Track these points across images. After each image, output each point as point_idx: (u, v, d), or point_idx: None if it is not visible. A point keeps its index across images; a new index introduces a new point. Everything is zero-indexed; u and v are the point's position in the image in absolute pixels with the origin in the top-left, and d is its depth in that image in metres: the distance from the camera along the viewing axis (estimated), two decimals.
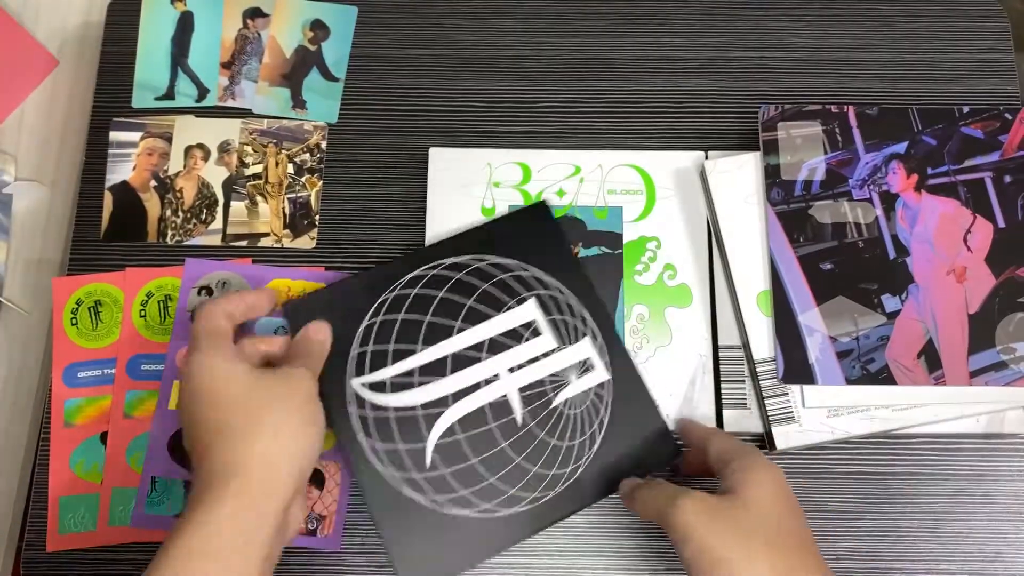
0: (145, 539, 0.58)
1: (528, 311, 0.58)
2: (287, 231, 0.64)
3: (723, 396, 0.59)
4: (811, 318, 0.59)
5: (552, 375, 0.58)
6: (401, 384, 0.56)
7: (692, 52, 0.68)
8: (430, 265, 0.59)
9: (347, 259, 0.63)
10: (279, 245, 0.64)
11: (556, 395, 0.57)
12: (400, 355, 0.57)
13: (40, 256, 0.67)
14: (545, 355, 0.58)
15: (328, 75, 0.68)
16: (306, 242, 0.64)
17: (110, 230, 0.64)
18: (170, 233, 0.64)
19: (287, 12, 0.69)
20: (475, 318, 0.58)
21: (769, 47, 0.68)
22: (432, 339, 0.57)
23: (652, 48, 0.68)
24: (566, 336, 0.58)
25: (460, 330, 0.58)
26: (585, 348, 0.58)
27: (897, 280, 0.59)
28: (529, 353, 0.58)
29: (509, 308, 0.58)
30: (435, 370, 0.57)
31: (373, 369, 0.57)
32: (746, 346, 0.59)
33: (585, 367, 0.58)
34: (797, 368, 0.58)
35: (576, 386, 0.57)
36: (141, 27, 0.69)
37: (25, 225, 0.68)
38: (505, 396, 0.57)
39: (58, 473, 0.59)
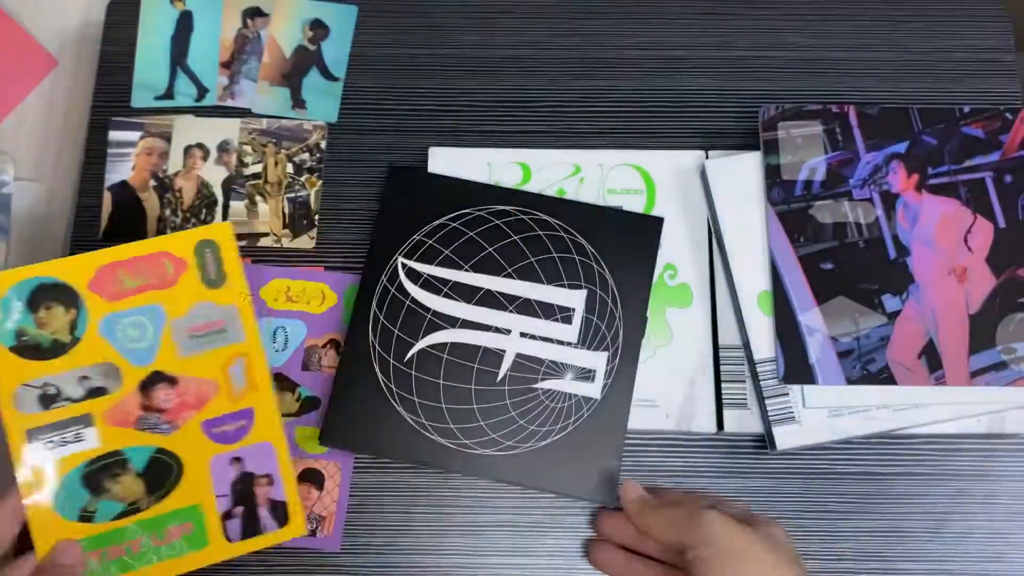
0: None
1: (575, 300, 0.59)
2: (287, 231, 0.64)
3: (723, 396, 0.59)
4: (811, 318, 0.59)
5: (552, 361, 0.58)
6: (432, 285, 0.59)
7: (692, 52, 0.68)
8: (525, 209, 0.61)
9: (347, 259, 0.63)
10: (278, 245, 0.64)
11: (543, 380, 0.58)
12: (448, 262, 0.60)
13: (40, 256, 0.67)
14: (559, 342, 0.58)
15: (328, 75, 0.68)
16: (306, 242, 0.64)
17: (109, 230, 0.64)
18: (169, 233, 0.64)
19: (287, 11, 0.69)
20: (527, 274, 0.59)
21: (769, 47, 0.68)
22: (480, 268, 0.60)
23: (652, 48, 0.68)
24: (590, 339, 0.58)
25: (508, 275, 0.59)
26: (598, 360, 0.58)
27: (897, 280, 0.59)
28: (547, 331, 0.58)
29: (560, 285, 0.59)
30: (464, 293, 0.59)
31: (421, 259, 0.60)
32: (746, 346, 0.59)
33: (584, 375, 0.58)
34: (798, 368, 0.58)
35: (565, 385, 0.58)
36: (140, 27, 0.69)
37: (25, 225, 0.68)
38: (503, 351, 0.58)
39: None
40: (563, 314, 0.59)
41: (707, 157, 0.64)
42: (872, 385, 0.58)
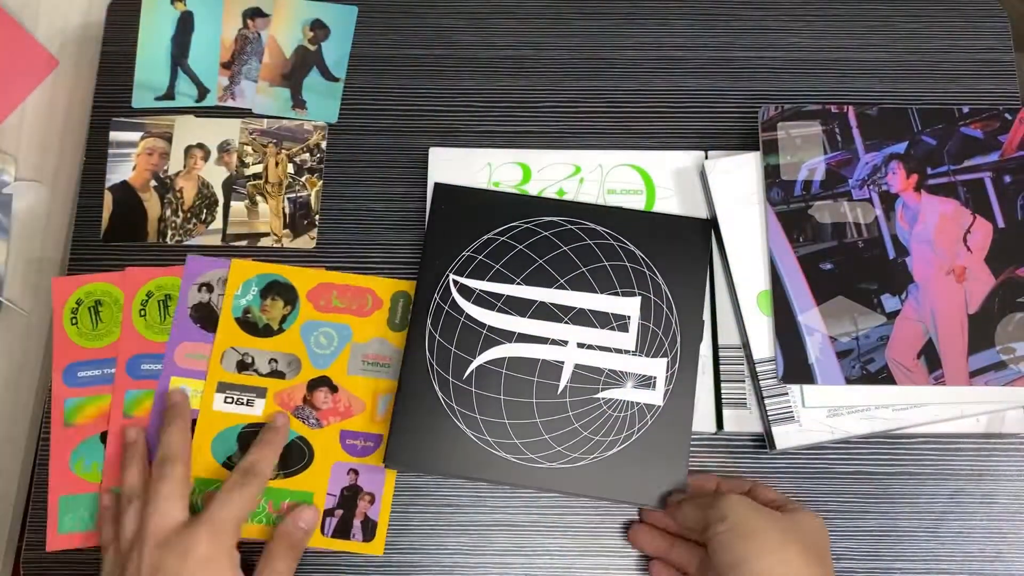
0: None
1: (629, 307, 0.59)
2: (287, 231, 0.64)
3: (723, 396, 0.59)
4: (811, 318, 0.59)
5: (612, 370, 0.58)
6: (485, 300, 0.59)
7: (692, 52, 0.68)
8: (572, 219, 0.61)
9: (347, 259, 0.63)
10: (279, 245, 0.64)
11: (604, 389, 0.57)
12: (500, 277, 0.60)
13: (40, 256, 0.67)
14: (618, 351, 0.58)
15: (328, 75, 0.68)
16: (306, 242, 0.64)
17: (110, 230, 0.64)
18: (170, 233, 0.64)
19: (287, 12, 0.69)
20: (580, 285, 0.59)
21: (769, 47, 0.68)
22: (532, 280, 0.60)
23: (652, 48, 0.68)
24: (648, 346, 0.58)
25: (560, 287, 0.59)
26: (657, 367, 0.58)
27: (897, 280, 0.59)
28: (605, 341, 0.58)
29: (614, 294, 0.59)
30: (518, 307, 0.59)
31: (472, 276, 0.60)
32: (746, 346, 0.59)
33: (645, 382, 0.58)
34: (797, 368, 0.58)
35: (626, 393, 0.57)
36: (141, 27, 0.69)
37: (25, 225, 0.68)
38: (562, 363, 0.58)
39: (58, 473, 0.59)
40: (619, 322, 0.59)
41: (707, 157, 0.64)
42: (871, 385, 0.58)
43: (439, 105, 0.67)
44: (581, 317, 0.59)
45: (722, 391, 0.60)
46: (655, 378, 0.58)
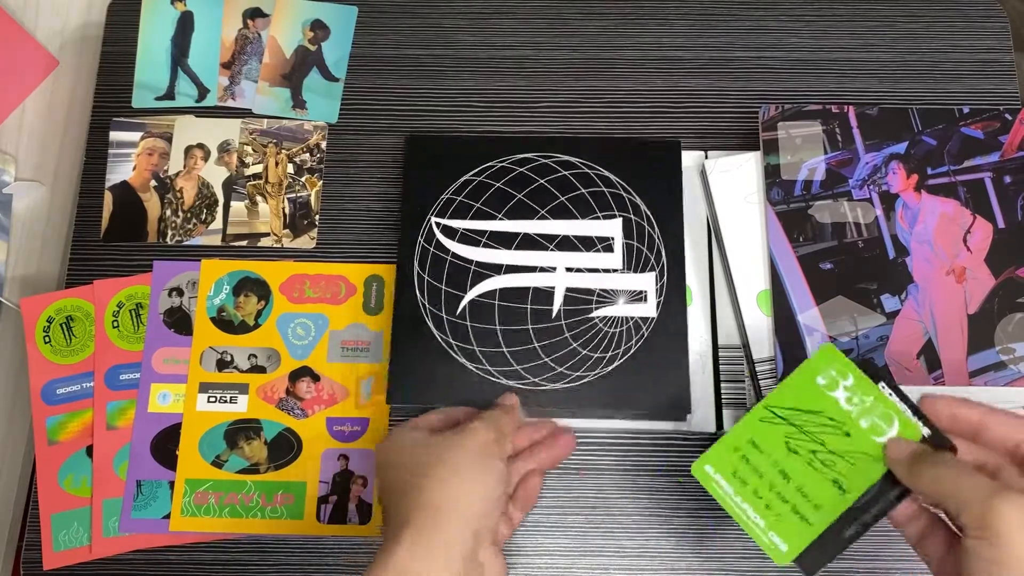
0: (141, 546, 0.58)
1: (611, 229, 0.60)
2: (287, 231, 0.64)
3: (723, 396, 0.59)
4: (811, 318, 0.59)
5: (603, 290, 0.59)
6: (469, 238, 0.60)
7: (692, 52, 0.68)
8: (545, 153, 0.62)
9: (347, 259, 0.63)
10: (279, 245, 0.64)
11: (597, 308, 0.59)
12: (481, 215, 0.61)
13: (40, 256, 0.67)
14: (606, 271, 0.59)
15: (328, 75, 0.68)
16: (306, 242, 0.64)
17: (110, 230, 0.65)
18: (170, 233, 0.64)
19: (287, 12, 0.69)
20: (560, 212, 0.61)
21: (769, 47, 0.68)
22: (513, 214, 0.61)
23: (652, 48, 0.68)
24: (635, 263, 0.59)
25: (541, 217, 0.60)
26: (646, 281, 0.59)
27: (896, 280, 0.59)
28: (592, 263, 0.59)
29: (595, 218, 0.60)
30: (503, 240, 0.60)
31: (454, 216, 0.61)
32: (746, 346, 0.59)
33: (637, 297, 0.59)
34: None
35: (620, 309, 0.59)
36: (141, 27, 0.69)
37: (25, 225, 0.68)
38: (552, 287, 0.59)
39: (47, 491, 0.59)
40: (603, 244, 0.60)
41: (707, 157, 0.64)
42: None
43: (439, 105, 0.67)
44: (566, 243, 0.60)
45: (722, 391, 0.60)
46: (646, 291, 0.59)
